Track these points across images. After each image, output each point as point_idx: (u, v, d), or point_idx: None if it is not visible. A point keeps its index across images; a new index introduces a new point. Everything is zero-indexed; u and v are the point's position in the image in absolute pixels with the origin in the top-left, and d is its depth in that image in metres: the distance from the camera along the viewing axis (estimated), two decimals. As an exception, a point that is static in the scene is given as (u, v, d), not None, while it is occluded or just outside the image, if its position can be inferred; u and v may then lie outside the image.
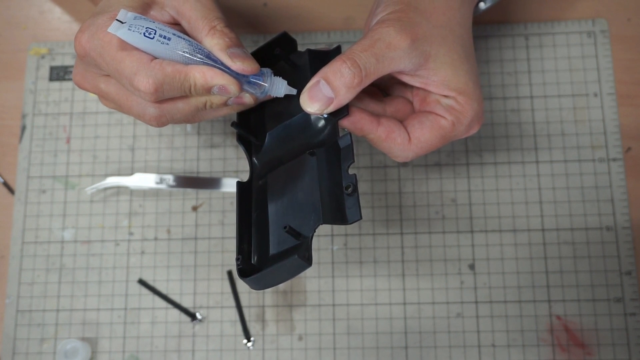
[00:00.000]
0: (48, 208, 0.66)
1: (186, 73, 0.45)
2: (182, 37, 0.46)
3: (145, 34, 0.45)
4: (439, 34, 0.50)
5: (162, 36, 0.45)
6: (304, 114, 0.50)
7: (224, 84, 0.46)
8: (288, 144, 0.52)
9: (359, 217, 0.46)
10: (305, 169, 0.50)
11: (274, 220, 0.50)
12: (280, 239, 0.49)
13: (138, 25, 0.45)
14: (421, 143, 0.50)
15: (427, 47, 0.49)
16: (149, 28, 0.45)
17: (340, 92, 0.47)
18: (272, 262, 0.47)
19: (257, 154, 0.53)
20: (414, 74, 0.50)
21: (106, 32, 0.45)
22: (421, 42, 0.48)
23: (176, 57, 0.46)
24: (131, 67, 0.45)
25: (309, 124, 0.52)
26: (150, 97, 0.46)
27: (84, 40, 0.46)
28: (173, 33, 0.46)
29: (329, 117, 0.50)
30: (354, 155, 0.48)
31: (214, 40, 0.47)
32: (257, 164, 0.53)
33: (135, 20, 0.45)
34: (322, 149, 0.50)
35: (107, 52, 0.46)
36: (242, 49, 0.47)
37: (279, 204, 0.50)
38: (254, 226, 0.51)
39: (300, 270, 0.47)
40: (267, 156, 0.53)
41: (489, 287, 0.62)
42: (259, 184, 0.52)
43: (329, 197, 0.48)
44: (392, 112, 0.53)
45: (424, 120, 0.51)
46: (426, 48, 0.49)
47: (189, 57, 0.46)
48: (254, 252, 0.50)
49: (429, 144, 0.50)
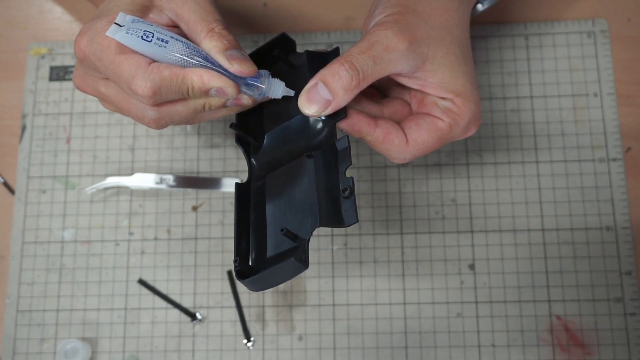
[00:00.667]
0: (48, 208, 0.66)
1: (183, 76, 0.46)
2: (180, 40, 0.46)
3: (143, 37, 0.45)
4: (437, 35, 0.50)
5: (160, 39, 0.45)
6: (302, 115, 0.50)
7: (221, 87, 0.46)
8: (286, 146, 0.52)
9: (355, 220, 0.46)
10: (303, 171, 0.50)
11: (272, 222, 0.50)
12: (278, 241, 0.49)
13: (136, 29, 0.45)
14: (418, 145, 0.50)
15: (425, 49, 0.49)
16: (146, 31, 0.45)
17: (338, 94, 0.47)
18: (270, 264, 0.47)
19: (255, 155, 0.53)
20: (412, 76, 0.50)
21: (104, 35, 0.45)
22: (419, 44, 0.49)
23: (174, 59, 0.46)
24: (129, 71, 0.45)
25: (307, 125, 0.52)
26: (148, 100, 0.46)
27: (83, 44, 0.46)
28: (171, 36, 0.46)
29: (327, 119, 0.50)
30: (351, 158, 0.48)
31: (212, 42, 0.47)
32: (256, 165, 0.53)
33: (133, 24, 0.45)
34: (320, 151, 0.50)
35: (105, 56, 0.46)
36: (240, 51, 0.47)
37: (277, 205, 0.50)
38: (252, 227, 0.51)
39: (297, 272, 0.47)
40: (266, 157, 0.53)
41: (489, 287, 0.62)
42: (257, 185, 0.52)
43: (326, 200, 0.48)
44: (390, 113, 0.53)
45: (421, 122, 0.51)
46: (424, 50, 0.49)
47: (186, 59, 0.46)
48: (251, 253, 0.50)
49: (427, 146, 0.51)
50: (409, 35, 0.48)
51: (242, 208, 0.51)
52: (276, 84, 0.49)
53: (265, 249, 0.50)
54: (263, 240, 0.50)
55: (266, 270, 0.47)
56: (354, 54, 0.47)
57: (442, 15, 0.51)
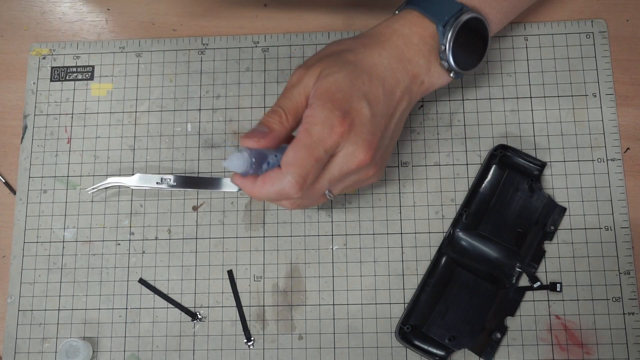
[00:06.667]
0: (49, 208, 0.66)
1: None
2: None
3: None
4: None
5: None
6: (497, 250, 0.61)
7: None
8: (480, 257, 0.61)
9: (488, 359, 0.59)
10: (484, 294, 0.60)
11: (443, 304, 0.60)
12: (435, 322, 0.59)
13: None
14: (289, 162, 0.49)
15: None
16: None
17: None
18: (419, 340, 0.60)
19: (459, 226, 0.62)
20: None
21: None
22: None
23: None
24: None
25: (498, 260, 0.61)
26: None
27: None
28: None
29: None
30: (516, 310, 0.61)
31: None
32: (457, 237, 0.62)
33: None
34: (503, 292, 0.60)
35: None
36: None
37: (452, 299, 0.60)
38: (427, 289, 0.61)
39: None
40: (463, 244, 0.62)
41: (489, 286, 0.62)
42: (451, 256, 0.62)
43: (483, 331, 0.59)
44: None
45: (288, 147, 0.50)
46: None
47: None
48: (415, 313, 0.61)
49: (299, 159, 0.49)
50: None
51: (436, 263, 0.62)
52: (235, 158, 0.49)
53: (425, 320, 0.60)
54: (430, 308, 0.60)
55: (414, 344, 0.60)
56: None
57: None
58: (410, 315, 0.60)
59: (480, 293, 0.60)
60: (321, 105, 0.49)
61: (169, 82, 0.69)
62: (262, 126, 0.50)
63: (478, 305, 0.59)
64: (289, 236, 0.64)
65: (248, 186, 0.51)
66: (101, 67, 0.69)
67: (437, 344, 0.59)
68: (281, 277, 0.63)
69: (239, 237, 0.64)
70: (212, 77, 0.68)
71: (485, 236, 0.61)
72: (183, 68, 0.69)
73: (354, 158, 0.50)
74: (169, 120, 0.68)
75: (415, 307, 0.60)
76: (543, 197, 0.62)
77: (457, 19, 0.53)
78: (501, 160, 0.63)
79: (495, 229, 0.61)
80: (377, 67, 0.52)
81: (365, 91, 0.50)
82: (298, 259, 0.64)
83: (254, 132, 0.50)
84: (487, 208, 0.62)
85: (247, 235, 0.64)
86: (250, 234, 0.64)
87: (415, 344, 0.59)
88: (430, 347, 0.59)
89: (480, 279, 0.60)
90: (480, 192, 0.63)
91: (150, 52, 0.70)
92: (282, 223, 0.64)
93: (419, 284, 0.61)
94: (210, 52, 0.69)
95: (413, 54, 0.53)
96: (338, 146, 0.49)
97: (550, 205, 0.62)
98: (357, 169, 0.51)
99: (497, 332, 0.59)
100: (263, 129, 0.50)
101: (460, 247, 0.62)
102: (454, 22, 0.53)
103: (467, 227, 0.62)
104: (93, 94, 0.69)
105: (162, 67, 0.69)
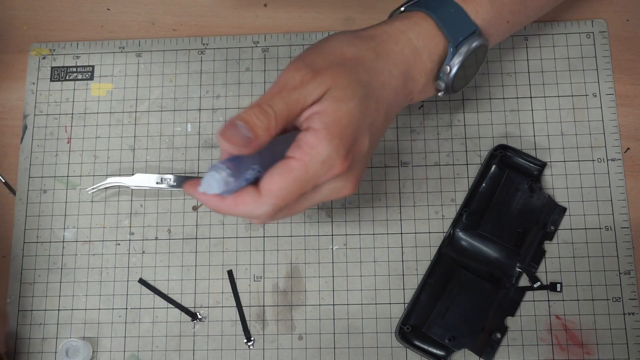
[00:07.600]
0: (49, 208, 0.66)
1: None
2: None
3: None
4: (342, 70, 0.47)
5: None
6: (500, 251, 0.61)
7: None
8: (480, 257, 0.61)
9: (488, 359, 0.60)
10: (484, 293, 0.60)
11: (443, 304, 0.60)
12: (434, 322, 0.60)
13: None
14: (273, 192, 0.45)
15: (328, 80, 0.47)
16: None
17: (259, 133, 0.45)
18: (419, 340, 0.60)
19: (459, 226, 0.62)
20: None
21: None
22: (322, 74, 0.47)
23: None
24: None
25: (499, 261, 0.61)
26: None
27: None
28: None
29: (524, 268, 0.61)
30: (516, 310, 0.61)
31: None
32: (457, 237, 0.62)
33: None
34: (504, 291, 0.60)
35: None
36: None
37: (452, 297, 0.60)
38: (426, 288, 0.61)
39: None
40: (463, 244, 0.62)
41: (489, 286, 0.62)
42: (451, 256, 0.62)
43: (483, 331, 0.59)
44: None
45: (274, 168, 0.45)
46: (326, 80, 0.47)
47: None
48: (415, 312, 0.61)
49: (285, 191, 0.45)
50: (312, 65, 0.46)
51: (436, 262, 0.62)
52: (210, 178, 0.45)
53: (429, 314, 0.60)
54: (432, 306, 0.60)
55: (414, 344, 0.60)
56: (267, 97, 0.45)
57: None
58: (410, 315, 0.60)
59: (480, 293, 0.60)
60: (329, 139, 0.45)
61: (168, 82, 0.69)
62: (245, 127, 0.44)
63: (478, 305, 0.60)
64: (289, 236, 0.64)
65: (213, 203, 0.46)
66: (101, 67, 0.69)
67: (437, 344, 0.59)
68: (281, 277, 0.63)
69: (239, 237, 0.64)
70: (212, 77, 0.68)
71: (485, 236, 0.61)
72: (183, 68, 0.69)
73: (340, 192, 0.48)
74: (169, 120, 0.68)
75: (415, 307, 0.60)
76: (543, 197, 0.62)
77: (470, 44, 0.51)
78: (501, 160, 0.63)
79: (495, 229, 0.61)
80: (385, 88, 0.49)
81: (371, 122, 0.47)
82: (298, 259, 0.64)
83: (235, 134, 0.44)
84: (487, 208, 0.62)
85: (247, 235, 0.64)
86: (250, 234, 0.64)
87: (415, 344, 0.59)
88: (430, 347, 0.59)
89: (480, 279, 0.60)
90: (480, 192, 0.63)
91: (150, 52, 0.70)
92: (282, 223, 0.64)
93: (419, 284, 0.61)
94: (210, 52, 0.69)
95: (418, 71, 0.51)
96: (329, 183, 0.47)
97: (550, 205, 0.62)
98: (338, 198, 0.49)
99: (497, 332, 0.59)
100: (247, 133, 0.44)
101: (460, 247, 0.62)
102: (465, 46, 0.51)
103: (467, 227, 0.62)
104: (93, 94, 0.69)
105: (162, 67, 0.69)
